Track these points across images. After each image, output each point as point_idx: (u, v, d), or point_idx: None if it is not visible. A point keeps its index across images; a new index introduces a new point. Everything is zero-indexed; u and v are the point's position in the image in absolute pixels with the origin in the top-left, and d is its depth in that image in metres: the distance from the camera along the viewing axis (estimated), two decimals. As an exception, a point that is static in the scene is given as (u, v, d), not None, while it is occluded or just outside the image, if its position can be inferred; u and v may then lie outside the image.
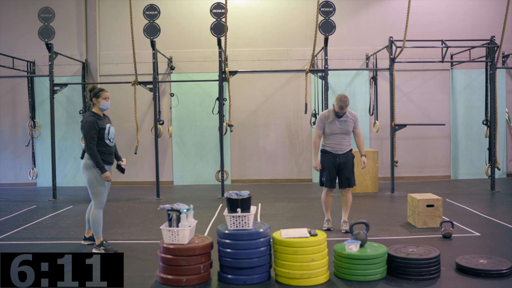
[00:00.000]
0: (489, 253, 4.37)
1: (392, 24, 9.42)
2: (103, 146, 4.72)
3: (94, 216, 4.73)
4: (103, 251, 4.64)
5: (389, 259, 3.90)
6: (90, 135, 4.61)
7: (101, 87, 4.86)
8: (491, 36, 8.14)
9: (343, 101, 5.19)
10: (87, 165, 4.68)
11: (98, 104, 4.79)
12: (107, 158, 4.75)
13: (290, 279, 3.74)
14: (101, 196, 4.74)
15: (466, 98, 9.68)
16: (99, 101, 4.78)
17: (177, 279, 3.74)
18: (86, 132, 4.62)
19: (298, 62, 9.66)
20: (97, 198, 4.73)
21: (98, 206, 4.75)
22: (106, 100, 4.82)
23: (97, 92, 4.78)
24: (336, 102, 5.23)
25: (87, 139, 4.62)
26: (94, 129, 4.63)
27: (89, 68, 9.76)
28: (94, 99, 4.77)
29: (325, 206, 5.51)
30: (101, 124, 4.71)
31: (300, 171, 9.77)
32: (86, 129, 4.63)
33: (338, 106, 5.22)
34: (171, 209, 3.94)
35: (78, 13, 9.74)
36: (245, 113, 9.73)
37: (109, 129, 4.78)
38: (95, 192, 4.71)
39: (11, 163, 9.85)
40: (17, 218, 6.56)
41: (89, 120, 4.66)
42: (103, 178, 4.65)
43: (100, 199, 4.74)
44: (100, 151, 4.68)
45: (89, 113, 4.76)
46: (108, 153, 4.78)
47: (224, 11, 7.71)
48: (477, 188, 8.44)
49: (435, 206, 5.51)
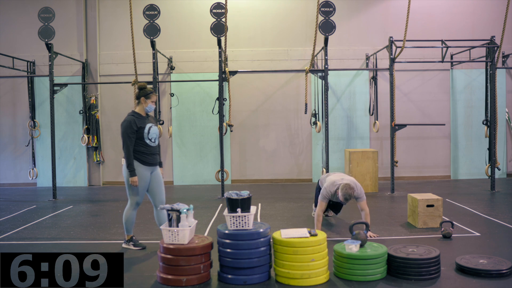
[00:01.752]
0: (489, 253, 4.37)
1: (392, 24, 9.42)
2: (143, 146, 4.66)
3: (127, 215, 4.75)
4: (132, 247, 4.77)
5: (389, 259, 3.90)
6: (126, 134, 4.60)
7: (152, 89, 4.82)
8: (491, 36, 8.14)
9: (348, 194, 4.85)
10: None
11: (145, 105, 4.75)
12: (147, 158, 4.69)
13: (290, 279, 3.74)
14: (138, 197, 4.71)
15: (466, 98, 9.68)
16: (147, 103, 4.74)
17: (177, 279, 3.74)
18: (122, 131, 4.63)
19: (298, 62, 9.65)
20: (134, 198, 4.71)
21: (133, 207, 4.76)
22: (153, 104, 4.79)
23: (149, 93, 4.74)
24: (341, 193, 4.89)
25: (122, 138, 4.62)
26: (131, 128, 4.59)
27: (89, 68, 9.76)
28: (143, 98, 4.73)
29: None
30: (140, 123, 4.66)
31: (300, 171, 9.77)
32: (123, 128, 4.63)
33: (343, 197, 4.89)
34: (171, 209, 3.94)
35: (78, 13, 9.74)
36: (245, 113, 9.73)
37: (149, 128, 4.70)
38: (132, 192, 4.69)
39: (11, 163, 9.85)
40: (17, 218, 6.56)
41: (127, 119, 4.66)
42: (130, 182, 4.62)
43: (136, 200, 4.72)
44: (140, 151, 4.65)
45: (130, 113, 4.76)
46: (149, 153, 4.71)
47: (224, 11, 7.71)
48: (477, 188, 8.44)
49: (435, 206, 5.50)
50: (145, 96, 4.72)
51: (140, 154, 4.65)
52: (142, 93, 4.73)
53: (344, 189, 4.89)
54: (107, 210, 7.15)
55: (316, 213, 5.13)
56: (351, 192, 4.88)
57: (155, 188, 4.79)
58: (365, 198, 5.07)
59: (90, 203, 7.84)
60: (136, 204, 4.74)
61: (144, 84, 4.80)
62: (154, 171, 4.80)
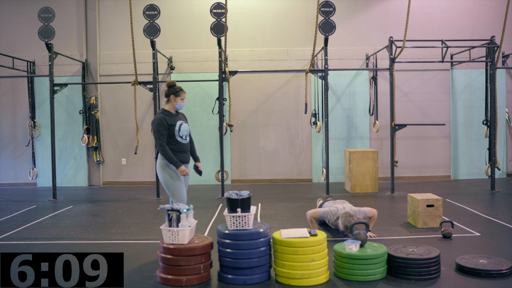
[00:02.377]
0: (489, 253, 4.37)
1: (392, 24, 9.42)
2: (174, 143, 4.62)
3: None
4: None
5: (389, 259, 3.91)
6: (159, 132, 4.55)
7: (181, 87, 4.76)
8: (491, 36, 8.14)
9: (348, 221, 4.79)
10: (161, 165, 4.60)
11: (175, 103, 4.70)
12: (179, 156, 4.62)
13: (290, 279, 3.74)
14: (180, 194, 4.61)
15: (466, 98, 9.68)
16: (177, 100, 4.69)
17: (177, 279, 3.74)
18: (155, 130, 4.58)
19: (298, 62, 9.65)
20: (177, 196, 4.59)
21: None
22: (183, 101, 4.74)
23: (178, 91, 4.69)
24: (341, 221, 4.87)
25: (156, 136, 4.57)
26: (163, 125, 4.54)
27: (89, 68, 9.76)
28: (173, 96, 4.68)
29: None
30: (170, 120, 4.61)
31: (300, 171, 9.77)
32: (155, 127, 4.59)
33: (343, 226, 4.87)
34: (171, 209, 3.94)
35: (78, 13, 9.74)
36: (245, 113, 9.73)
37: (180, 126, 4.65)
38: (173, 191, 4.60)
39: (11, 163, 9.85)
40: (17, 218, 6.56)
41: (157, 117, 4.61)
42: (180, 172, 4.55)
43: (180, 197, 4.60)
44: (171, 149, 4.58)
45: (159, 111, 4.71)
46: (181, 151, 4.65)
47: (224, 11, 7.71)
48: (477, 188, 8.44)
49: (435, 206, 5.50)
50: (174, 94, 4.67)
51: (173, 153, 4.58)
52: (171, 91, 4.68)
53: (344, 217, 4.85)
54: (107, 210, 7.15)
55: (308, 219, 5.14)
56: (351, 220, 4.80)
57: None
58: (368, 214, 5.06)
59: (90, 203, 7.84)
60: (183, 201, 4.60)
61: (173, 82, 4.75)
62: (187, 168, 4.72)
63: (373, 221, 5.14)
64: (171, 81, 4.76)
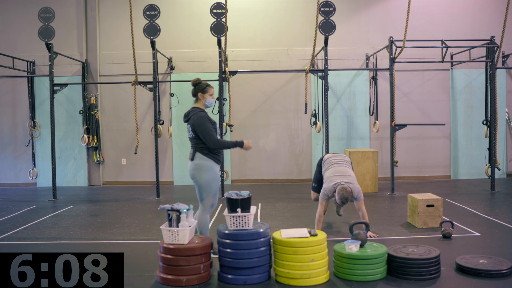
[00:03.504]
0: (489, 253, 4.37)
1: (392, 24, 9.42)
2: None
3: (203, 220, 4.36)
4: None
5: (389, 259, 3.91)
6: (209, 128, 4.23)
7: (207, 83, 4.48)
8: (491, 36, 8.14)
9: (344, 198, 4.87)
10: (202, 166, 4.28)
11: (204, 100, 4.39)
12: (219, 156, 4.38)
13: (290, 279, 3.74)
14: (215, 199, 4.39)
15: (466, 98, 9.68)
16: (205, 97, 4.39)
17: (177, 279, 3.74)
18: (202, 127, 4.22)
19: (298, 62, 9.66)
20: (209, 202, 4.35)
21: (207, 210, 4.39)
22: (212, 97, 4.42)
23: (205, 87, 4.39)
24: (337, 196, 4.92)
25: (207, 134, 4.21)
26: (210, 121, 4.28)
27: (89, 68, 9.76)
28: (200, 94, 4.38)
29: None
30: (212, 119, 4.37)
31: (300, 171, 9.77)
32: (201, 124, 4.22)
33: (339, 201, 4.93)
34: (171, 209, 3.93)
35: (78, 13, 9.74)
36: (245, 113, 9.73)
37: (217, 124, 4.46)
38: (208, 196, 4.33)
39: (11, 163, 9.85)
40: (17, 218, 6.56)
41: (201, 115, 4.26)
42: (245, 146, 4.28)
43: (212, 203, 4.38)
44: (213, 149, 4.29)
45: (196, 109, 4.35)
46: (220, 151, 4.44)
47: (224, 11, 7.71)
48: (477, 188, 8.44)
49: (435, 206, 5.50)
50: (202, 91, 4.37)
51: (216, 153, 4.32)
52: (198, 88, 4.39)
53: (341, 193, 4.89)
54: (107, 210, 7.15)
55: (317, 213, 5.11)
56: (348, 196, 4.88)
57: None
58: (362, 199, 5.06)
59: (90, 203, 7.84)
60: (210, 207, 4.38)
61: (197, 80, 4.43)
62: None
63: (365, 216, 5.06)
64: (196, 79, 4.44)
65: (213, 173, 4.32)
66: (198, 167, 4.29)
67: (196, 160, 4.30)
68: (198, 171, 4.29)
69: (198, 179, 4.31)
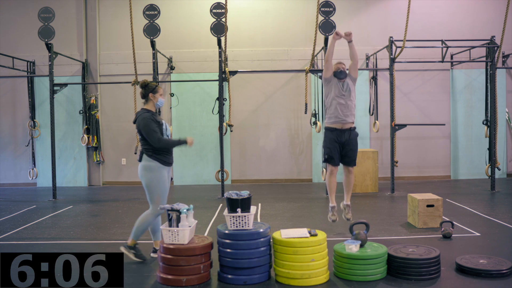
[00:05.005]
0: (489, 253, 4.37)
1: (392, 24, 9.41)
2: None
3: (145, 220, 4.38)
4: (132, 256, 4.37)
5: (389, 259, 3.90)
6: (152, 128, 4.24)
7: (156, 83, 4.48)
8: (491, 36, 8.14)
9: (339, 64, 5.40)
10: (147, 167, 4.31)
11: (155, 100, 4.43)
12: (167, 158, 4.37)
13: (290, 279, 3.74)
14: (162, 199, 4.37)
15: (466, 98, 9.68)
16: (156, 97, 4.42)
17: (177, 279, 3.74)
18: (146, 127, 4.25)
19: (298, 62, 9.65)
20: (157, 203, 4.34)
21: (156, 213, 4.38)
22: (162, 97, 4.48)
23: (155, 88, 4.42)
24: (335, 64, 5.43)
25: (150, 133, 4.24)
26: (153, 121, 4.28)
27: (89, 68, 9.76)
28: (151, 94, 4.41)
29: (330, 189, 5.26)
30: (158, 119, 4.37)
31: (300, 171, 9.77)
32: (145, 125, 4.26)
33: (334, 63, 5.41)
34: (171, 209, 3.94)
35: (78, 13, 9.74)
36: (245, 113, 9.73)
37: (165, 125, 4.45)
38: (155, 197, 4.34)
39: (11, 163, 9.85)
40: (17, 218, 6.56)
41: (145, 116, 4.30)
42: (188, 143, 4.33)
43: (160, 203, 4.36)
44: (160, 149, 4.30)
45: (141, 111, 4.40)
46: (168, 152, 4.40)
47: (224, 11, 7.71)
48: (477, 188, 8.44)
49: (435, 206, 5.50)
50: (152, 92, 4.42)
51: (161, 154, 4.32)
52: (148, 89, 4.43)
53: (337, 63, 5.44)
54: (107, 210, 7.15)
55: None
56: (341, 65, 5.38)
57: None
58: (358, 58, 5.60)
59: (90, 203, 7.84)
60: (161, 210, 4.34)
61: (145, 81, 4.48)
62: (168, 173, 4.49)
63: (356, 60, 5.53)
64: (144, 80, 4.51)
65: (158, 174, 4.33)
66: (144, 168, 4.34)
67: (143, 161, 4.35)
68: (144, 173, 4.34)
69: (144, 181, 4.35)
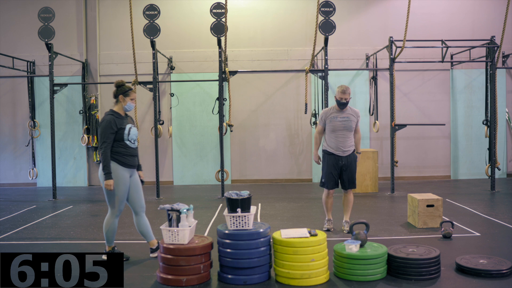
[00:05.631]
0: (489, 253, 4.37)
1: (392, 24, 9.42)
2: (123, 147, 4.36)
3: (109, 224, 4.41)
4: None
5: (389, 259, 3.91)
6: (106, 134, 4.27)
7: (130, 86, 4.53)
8: (491, 36, 8.14)
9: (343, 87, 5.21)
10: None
11: (125, 103, 4.45)
12: (127, 160, 4.37)
13: (290, 279, 3.74)
14: (120, 204, 4.39)
15: (466, 98, 9.68)
16: (126, 101, 4.44)
17: (177, 279, 3.74)
18: (101, 131, 4.30)
19: (298, 62, 9.65)
20: (115, 206, 4.38)
21: (115, 215, 4.42)
22: (132, 102, 4.48)
23: (127, 91, 4.43)
24: (337, 90, 5.26)
25: (101, 138, 4.29)
26: (111, 128, 4.28)
27: (89, 68, 9.76)
28: (121, 96, 4.43)
29: (326, 207, 5.47)
30: (120, 123, 4.36)
31: (300, 171, 9.77)
32: (102, 128, 4.31)
33: (339, 91, 5.21)
34: (171, 209, 3.94)
35: (78, 13, 9.74)
36: (245, 113, 9.73)
37: (129, 129, 4.40)
38: (114, 199, 4.37)
39: (11, 163, 9.85)
40: (17, 218, 6.56)
41: (106, 119, 4.34)
42: (105, 185, 4.28)
43: (118, 207, 4.39)
44: (119, 152, 4.33)
45: (108, 112, 4.44)
46: (129, 154, 4.39)
47: (224, 11, 7.71)
48: (477, 188, 8.44)
49: (435, 206, 5.51)
50: (123, 94, 4.42)
51: (119, 155, 4.33)
52: (120, 90, 4.43)
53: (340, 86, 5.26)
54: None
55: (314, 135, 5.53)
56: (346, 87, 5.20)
57: (135, 193, 4.48)
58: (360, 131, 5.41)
59: (90, 203, 7.84)
60: (118, 211, 4.41)
61: (121, 81, 4.49)
62: (133, 175, 4.48)
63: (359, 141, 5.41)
64: (120, 80, 4.51)
65: (117, 176, 4.32)
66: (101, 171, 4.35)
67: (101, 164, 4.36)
68: (100, 174, 4.36)
69: (102, 182, 4.35)
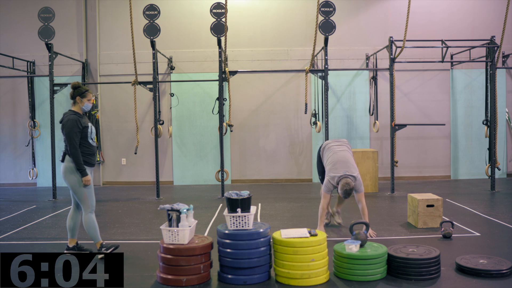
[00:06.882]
0: (489, 253, 4.37)
1: (392, 24, 9.42)
2: (86, 146, 4.53)
3: (87, 222, 4.51)
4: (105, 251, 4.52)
5: (389, 259, 3.90)
6: (74, 133, 4.42)
7: (87, 88, 4.67)
8: (491, 36, 8.14)
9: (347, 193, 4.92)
10: (69, 168, 4.49)
11: (82, 104, 4.57)
12: (89, 159, 4.56)
13: (290, 279, 3.74)
14: (90, 199, 4.52)
15: (466, 98, 9.68)
16: (83, 102, 4.57)
17: (177, 279, 3.74)
18: (69, 131, 4.43)
19: (298, 62, 9.65)
20: (86, 202, 4.50)
21: (89, 210, 4.52)
22: (89, 102, 4.61)
23: (84, 92, 4.57)
24: (341, 191, 4.96)
25: (70, 138, 4.42)
26: (77, 127, 4.44)
27: (89, 68, 9.76)
28: (79, 97, 4.55)
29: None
30: (83, 122, 4.52)
31: (300, 171, 9.77)
32: (68, 128, 4.43)
33: (343, 195, 4.97)
34: (171, 209, 3.94)
35: (78, 13, 9.74)
36: (245, 113, 9.73)
37: (91, 128, 4.60)
38: (82, 196, 4.48)
39: (11, 163, 9.85)
40: (17, 218, 6.56)
41: (71, 118, 4.47)
42: (83, 182, 4.42)
43: (90, 203, 4.52)
44: (83, 152, 4.49)
45: (69, 112, 4.56)
46: (91, 153, 4.58)
47: (224, 11, 7.71)
48: (477, 188, 8.44)
49: (435, 206, 5.51)
50: (80, 96, 4.54)
51: (84, 155, 4.49)
52: (77, 92, 4.55)
53: (344, 188, 4.93)
54: (107, 210, 7.15)
55: (321, 207, 5.10)
56: (351, 192, 4.94)
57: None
58: (363, 191, 5.09)
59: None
60: (92, 206, 4.53)
61: (77, 83, 4.61)
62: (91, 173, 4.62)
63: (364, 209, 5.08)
64: (76, 82, 4.63)
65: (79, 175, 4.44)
66: (66, 169, 4.50)
67: (65, 162, 4.52)
68: (67, 174, 4.49)
69: (68, 181, 4.49)
